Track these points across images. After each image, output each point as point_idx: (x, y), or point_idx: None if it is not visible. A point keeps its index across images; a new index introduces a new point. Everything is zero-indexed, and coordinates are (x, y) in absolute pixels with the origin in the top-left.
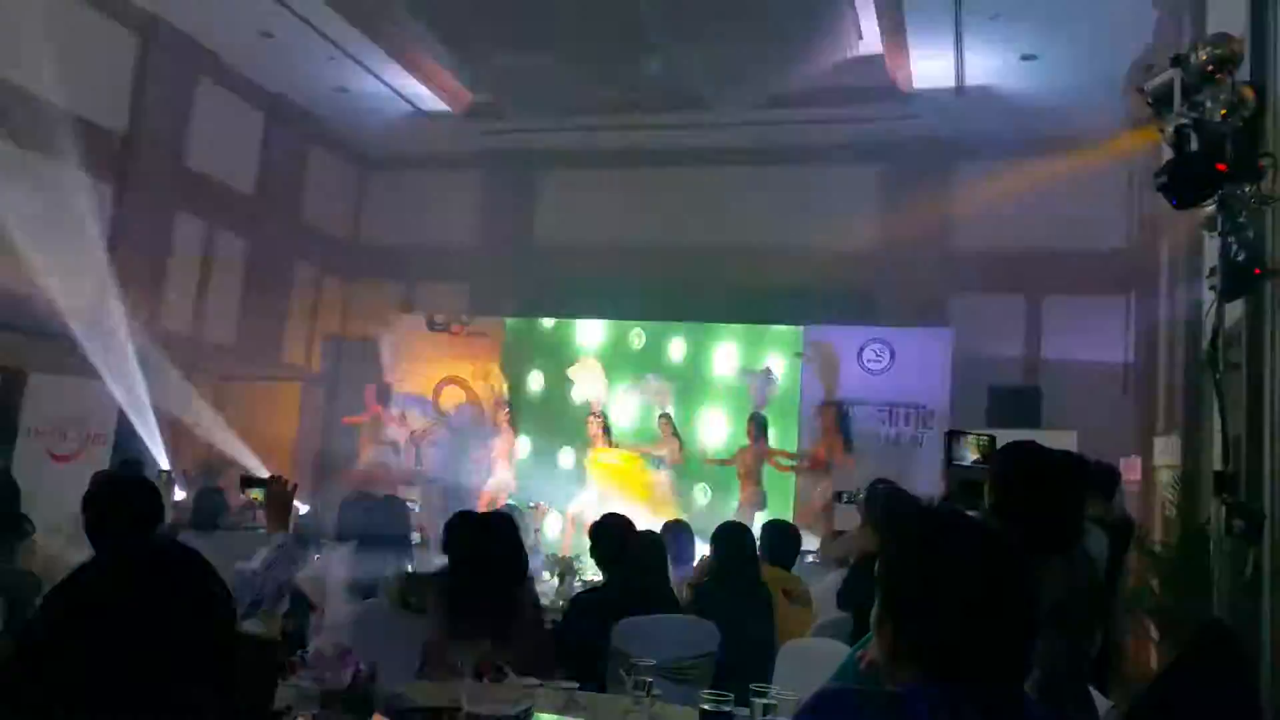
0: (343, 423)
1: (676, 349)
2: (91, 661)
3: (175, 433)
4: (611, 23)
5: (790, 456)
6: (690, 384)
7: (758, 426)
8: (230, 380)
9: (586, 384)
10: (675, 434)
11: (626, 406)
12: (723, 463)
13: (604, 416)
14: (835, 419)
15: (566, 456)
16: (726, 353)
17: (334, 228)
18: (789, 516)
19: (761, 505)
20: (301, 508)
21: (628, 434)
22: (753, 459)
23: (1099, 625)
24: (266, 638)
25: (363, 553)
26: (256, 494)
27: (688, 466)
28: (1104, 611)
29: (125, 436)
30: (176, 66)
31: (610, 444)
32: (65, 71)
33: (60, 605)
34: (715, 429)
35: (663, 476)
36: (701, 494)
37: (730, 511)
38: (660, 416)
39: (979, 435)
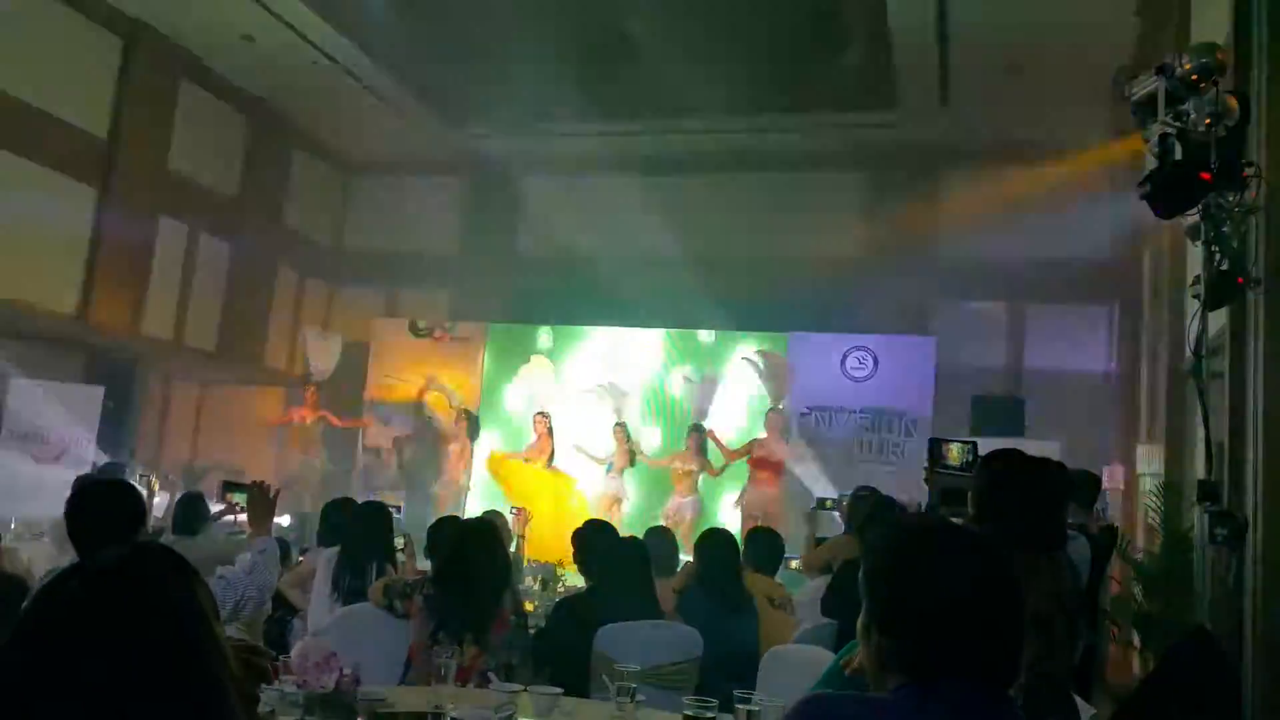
0: (271, 423)
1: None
2: (79, 668)
3: (158, 436)
4: (597, 30)
5: (735, 456)
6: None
7: (698, 436)
8: (213, 384)
9: (537, 384)
10: (628, 440)
11: (586, 412)
12: (659, 463)
13: (549, 418)
14: (780, 423)
15: None
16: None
17: (317, 232)
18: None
19: (696, 511)
20: (283, 520)
21: (586, 440)
22: (695, 465)
23: (1081, 631)
24: (252, 643)
25: (345, 557)
26: (239, 498)
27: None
28: (1086, 617)
29: (107, 440)
30: (159, 70)
31: (553, 446)
32: (48, 75)
33: (46, 611)
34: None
35: (612, 483)
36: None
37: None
38: (615, 425)
39: (961, 443)
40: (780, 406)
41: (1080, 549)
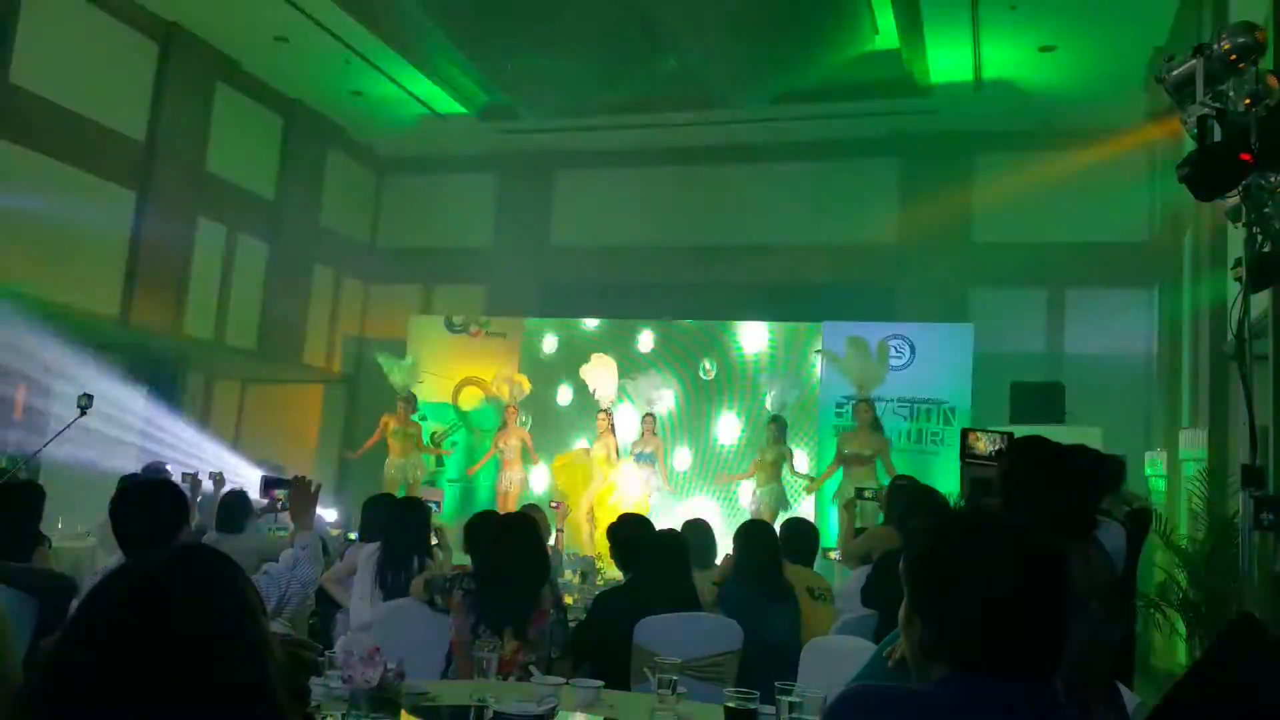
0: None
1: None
2: (129, 669)
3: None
4: (626, 21)
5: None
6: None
7: (779, 428)
8: (253, 383)
9: (599, 380)
10: (655, 433)
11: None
12: (741, 477)
13: (611, 413)
14: (871, 417)
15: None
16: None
17: (352, 230)
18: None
19: (781, 505)
20: (328, 514)
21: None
22: (773, 460)
23: (1118, 617)
24: (300, 637)
25: (386, 553)
26: (281, 494)
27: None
28: (1122, 603)
29: (151, 439)
30: (195, 73)
31: (617, 442)
32: (85, 80)
33: (96, 612)
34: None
35: (641, 472)
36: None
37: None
38: (645, 415)
39: (990, 432)
40: (868, 397)
41: (1114, 536)
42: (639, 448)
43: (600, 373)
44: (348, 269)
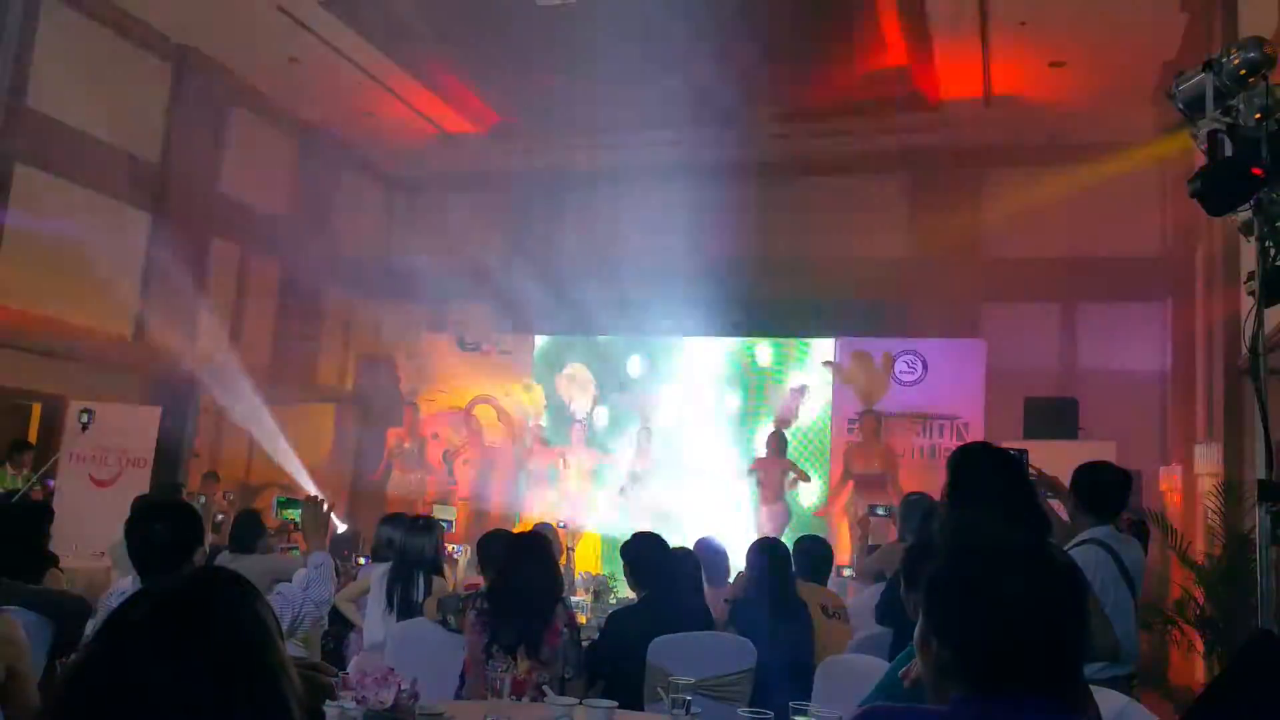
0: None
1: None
2: (149, 693)
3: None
4: (635, 40)
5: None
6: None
7: (779, 441)
8: (266, 402)
9: (575, 392)
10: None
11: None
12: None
13: (587, 424)
14: (875, 429)
15: None
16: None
17: (365, 250)
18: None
19: (785, 520)
20: (339, 525)
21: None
22: (778, 472)
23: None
24: (315, 660)
25: (399, 572)
26: (292, 514)
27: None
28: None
29: (165, 460)
30: (208, 94)
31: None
32: (100, 102)
33: (115, 637)
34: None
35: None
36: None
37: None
38: (640, 431)
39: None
40: (873, 409)
41: (1133, 549)
42: (637, 465)
43: (577, 383)
44: (360, 288)
